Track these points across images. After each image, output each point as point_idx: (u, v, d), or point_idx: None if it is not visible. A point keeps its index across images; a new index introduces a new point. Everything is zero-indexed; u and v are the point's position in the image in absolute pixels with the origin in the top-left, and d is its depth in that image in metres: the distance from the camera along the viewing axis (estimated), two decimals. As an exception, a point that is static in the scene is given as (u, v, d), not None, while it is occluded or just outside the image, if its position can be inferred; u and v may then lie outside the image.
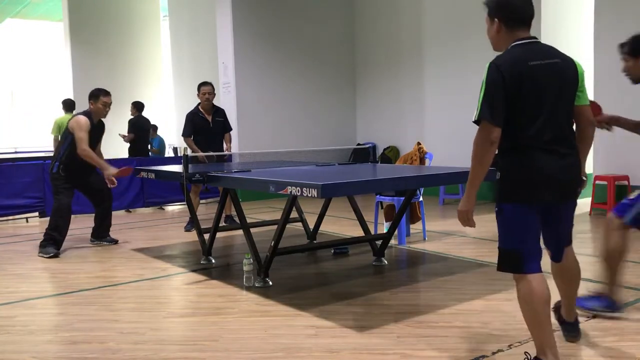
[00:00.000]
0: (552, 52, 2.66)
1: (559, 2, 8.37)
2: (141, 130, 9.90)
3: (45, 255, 5.70)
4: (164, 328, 3.55)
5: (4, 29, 19.72)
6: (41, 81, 20.87)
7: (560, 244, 2.87)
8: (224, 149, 7.19)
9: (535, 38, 2.66)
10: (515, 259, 2.59)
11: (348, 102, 11.32)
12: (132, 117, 10.04)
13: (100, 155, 6.20)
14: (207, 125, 7.05)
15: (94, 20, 14.10)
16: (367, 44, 11.09)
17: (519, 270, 2.59)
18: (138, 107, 10.01)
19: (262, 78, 10.17)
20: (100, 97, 5.98)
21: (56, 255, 5.70)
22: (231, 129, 7.39)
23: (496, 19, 2.67)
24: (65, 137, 6.04)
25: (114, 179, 6.00)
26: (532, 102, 2.55)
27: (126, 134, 9.94)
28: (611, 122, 3.68)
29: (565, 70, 2.63)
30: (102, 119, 6.16)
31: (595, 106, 4.46)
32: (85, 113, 6.02)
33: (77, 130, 5.84)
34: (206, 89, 7.03)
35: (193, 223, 6.72)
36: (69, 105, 9.56)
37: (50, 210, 6.10)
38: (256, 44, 10.07)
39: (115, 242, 6.31)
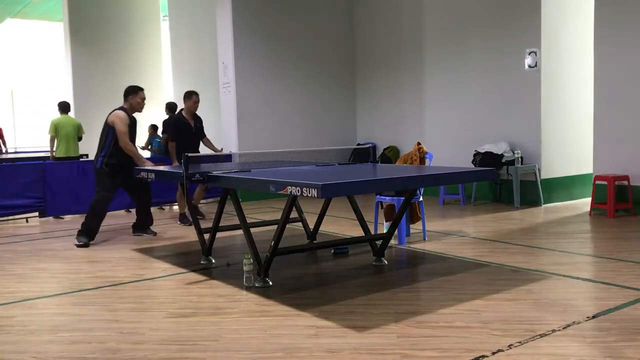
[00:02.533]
0: None
1: (559, 3, 8.37)
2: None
3: (78, 243, 6.19)
4: (164, 328, 3.55)
5: (4, 29, 19.72)
6: (41, 81, 20.88)
7: None
8: (217, 149, 8.11)
9: None
10: None
11: (348, 102, 11.32)
12: (167, 117, 9.90)
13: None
14: (190, 130, 7.64)
15: (94, 21, 14.10)
16: (367, 44, 11.09)
17: None
18: (171, 107, 9.88)
19: (262, 78, 10.17)
20: (138, 92, 6.43)
21: (86, 245, 6.17)
22: (205, 135, 7.96)
23: None
24: (106, 133, 6.33)
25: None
26: None
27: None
28: None
29: None
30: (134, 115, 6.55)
31: None
32: (121, 108, 6.42)
33: (118, 124, 6.24)
34: (197, 98, 7.67)
35: (186, 218, 7.51)
36: (64, 107, 9.48)
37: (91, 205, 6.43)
38: (256, 44, 10.07)
39: (155, 234, 6.74)
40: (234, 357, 3.02)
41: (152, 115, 14.80)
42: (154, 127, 11.29)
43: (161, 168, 6.10)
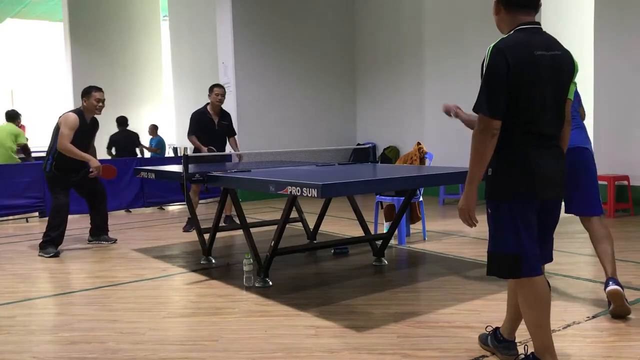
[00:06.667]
0: (554, 42, 2.55)
1: (559, 3, 8.37)
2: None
3: (45, 255, 5.70)
4: (164, 328, 3.54)
5: (4, 29, 19.72)
6: (41, 81, 20.87)
7: (549, 245, 2.70)
8: (233, 152, 7.31)
9: (539, 24, 2.53)
10: (513, 262, 2.49)
11: (348, 102, 11.32)
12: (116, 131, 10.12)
13: (94, 152, 6.17)
14: (212, 126, 7.07)
15: (94, 20, 14.10)
16: (368, 44, 11.09)
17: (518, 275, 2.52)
18: (120, 122, 10.06)
19: (262, 78, 10.17)
20: (92, 93, 5.88)
21: (56, 255, 5.71)
22: (235, 134, 7.44)
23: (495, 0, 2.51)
24: (55, 135, 5.92)
25: (100, 169, 5.87)
26: (533, 95, 2.41)
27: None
28: (453, 111, 3.66)
29: (565, 63, 2.54)
30: (97, 117, 6.09)
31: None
32: (76, 111, 5.97)
33: (62, 125, 5.79)
34: (219, 91, 7.10)
35: (192, 224, 6.71)
36: (11, 116, 9.07)
37: (49, 210, 6.10)
38: (256, 44, 10.07)
39: (114, 241, 6.32)
40: (234, 357, 3.02)
41: (151, 115, 14.83)
42: (154, 127, 11.32)
43: (162, 168, 6.10)
